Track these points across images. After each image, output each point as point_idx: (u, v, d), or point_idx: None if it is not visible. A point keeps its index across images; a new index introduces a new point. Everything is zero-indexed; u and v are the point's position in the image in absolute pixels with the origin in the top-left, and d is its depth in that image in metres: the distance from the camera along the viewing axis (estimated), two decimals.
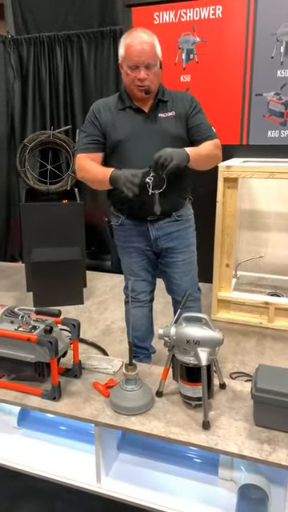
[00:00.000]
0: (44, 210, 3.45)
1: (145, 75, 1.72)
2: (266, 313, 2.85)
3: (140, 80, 1.72)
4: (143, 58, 1.69)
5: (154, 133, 1.80)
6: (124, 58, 1.74)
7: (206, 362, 1.35)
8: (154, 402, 1.47)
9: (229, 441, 1.30)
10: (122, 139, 1.80)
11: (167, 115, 1.82)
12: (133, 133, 1.79)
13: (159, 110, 1.83)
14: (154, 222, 1.90)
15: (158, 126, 1.81)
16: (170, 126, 1.82)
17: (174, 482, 1.51)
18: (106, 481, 1.51)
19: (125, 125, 1.80)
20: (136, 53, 1.69)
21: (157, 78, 1.79)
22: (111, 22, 3.70)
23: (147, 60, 1.70)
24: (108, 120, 1.83)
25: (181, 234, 1.95)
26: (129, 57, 1.71)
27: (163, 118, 1.82)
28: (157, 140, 1.78)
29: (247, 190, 3.27)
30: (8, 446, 1.69)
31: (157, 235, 1.92)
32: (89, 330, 2.84)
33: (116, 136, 1.80)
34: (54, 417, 1.63)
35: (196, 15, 3.16)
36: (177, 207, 1.92)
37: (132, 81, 1.74)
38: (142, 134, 1.79)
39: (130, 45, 1.71)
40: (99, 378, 1.62)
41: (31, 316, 1.59)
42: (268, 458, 1.23)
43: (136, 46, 1.69)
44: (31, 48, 4.00)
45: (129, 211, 1.90)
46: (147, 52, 1.70)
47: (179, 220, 1.94)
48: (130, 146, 1.79)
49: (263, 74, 3.10)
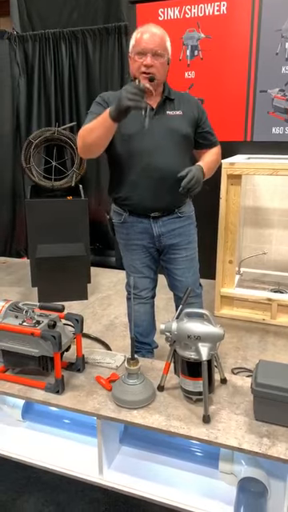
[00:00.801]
0: (49, 206, 3.47)
1: (151, 62, 1.73)
2: (268, 309, 2.86)
3: (146, 66, 1.73)
4: (151, 46, 1.72)
5: (161, 129, 1.81)
6: (133, 45, 1.77)
7: (206, 357, 1.37)
8: (155, 396, 1.50)
9: (229, 435, 1.32)
10: (132, 134, 1.80)
11: (175, 113, 1.84)
12: (141, 128, 1.79)
13: (166, 108, 1.84)
14: (157, 219, 1.92)
15: (165, 122, 1.83)
16: (178, 124, 1.83)
17: (174, 474, 1.53)
18: (108, 473, 1.53)
19: (132, 120, 1.80)
20: (145, 39, 1.73)
21: (163, 70, 1.79)
22: (116, 19, 3.71)
23: (155, 48, 1.73)
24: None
25: (183, 231, 1.97)
26: (138, 43, 1.74)
27: (171, 116, 1.84)
28: (164, 136, 1.80)
29: (251, 186, 3.27)
30: (12, 438, 1.72)
31: (160, 232, 1.94)
32: (93, 325, 2.87)
33: (125, 130, 1.80)
34: (57, 410, 1.66)
35: (200, 11, 3.16)
36: (179, 204, 1.93)
37: (138, 68, 1.75)
38: (149, 129, 1.79)
39: (141, 33, 1.75)
40: (102, 372, 1.65)
41: (35, 311, 1.61)
42: (267, 452, 1.25)
43: (146, 34, 1.74)
44: (36, 45, 4.01)
45: (133, 208, 1.92)
46: (156, 40, 1.73)
47: (181, 217, 1.95)
48: (137, 140, 1.80)
49: (268, 71, 3.09)
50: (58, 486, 1.57)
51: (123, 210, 1.95)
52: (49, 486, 1.57)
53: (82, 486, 1.54)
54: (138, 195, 1.86)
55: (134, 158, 1.81)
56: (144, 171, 1.81)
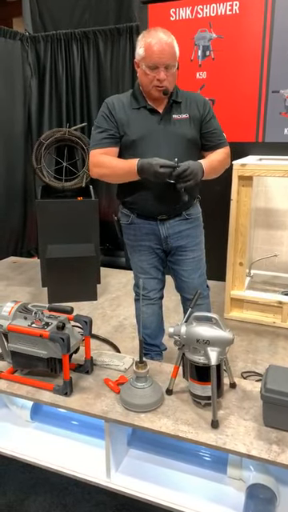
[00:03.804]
0: (59, 206, 3.48)
1: (164, 76, 1.72)
2: (279, 312, 2.83)
3: (159, 81, 1.72)
4: (164, 60, 1.69)
5: (167, 134, 1.80)
6: (143, 57, 1.73)
7: (215, 361, 1.36)
8: (163, 400, 1.49)
9: (237, 440, 1.30)
10: (136, 139, 1.80)
11: (181, 117, 1.82)
12: (147, 133, 1.80)
13: (173, 111, 1.83)
14: (165, 221, 1.91)
15: (171, 127, 1.81)
16: (184, 128, 1.82)
17: (182, 479, 1.52)
18: (116, 476, 1.53)
19: (139, 125, 1.81)
20: (157, 53, 1.69)
21: (174, 79, 1.79)
22: (127, 19, 3.71)
23: (167, 61, 1.70)
24: (122, 118, 1.82)
25: (191, 233, 1.96)
26: (149, 57, 1.71)
27: (177, 120, 1.82)
28: (171, 141, 1.79)
29: (263, 187, 3.24)
30: (21, 439, 1.73)
31: (167, 234, 1.93)
32: (102, 326, 2.87)
33: (130, 136, 1.81)
34: (66, 411, 1.66)
35: (213, 11, 3.14)
36: (187, 206, 1.92)
37: (151, 81, 1.74)
38: (156, 134, 1.79)
39: (151, 45, 1.70)
40: (110, 375, 1.64)
41: (44, 312, 1.62)
42: (276, 459, 1.23)
43: (157, 46, 1.69)
44: (48, 45, 4.03)
45: (140, 210, 1.91)
46: (167, 53, 1.70)
47: (189, 218, 1.95)
48: (143, 146, 1.80)
49: (280, 71, 3.06)
50: (65, 488, 1.57)
51: (131, 212, 1.95)
52: (56, 487, 1.58)
53: (88, 489, 1.54)
54: (143, 200, 1.86)
55: None
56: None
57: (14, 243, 4.48)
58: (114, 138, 1.83)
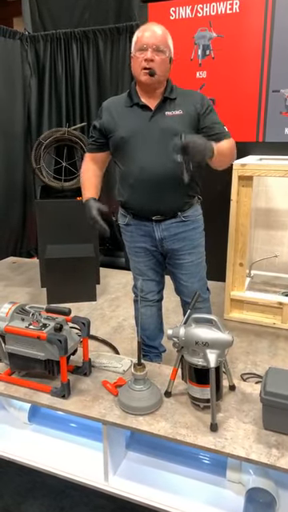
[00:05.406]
0: (58, 206, 3.47)
1: (151, 56, 1.70)
2: (279, 313, 2.81)
3: (146, 61, 1.70)
4: (152, 40, 1.70)
5: (158, 130, 1.76)
6: (135, 43, 1.75)
7: (214, 363, 1.34)
8: (162, 403, 1.47)
9: (236, 444, 1.29)
10: (125, 136, 1.78)
11: (174, 113, 1.77)
12: (137, 130, 1.77)
13: (166, 108, 1.78)
14: (160, 223, 1.88)
15: (163, 123, 1.76)
16: (176, 125, 1.75)
17: (181, 482, 1.50)
18: (114, 479, 1.51)
19: (129, 122, 1.79)
20: (146, 35, 1.71)
21: (164, 67, 1.74)
22: (127, 18, 3.69)
23: (156, 43, 1.70)
24: (111, 118, 1.82)
25: (187, 236, 1.91)
26: (140, 40, 1.72)
27: (169, 116, 1.77)
28: (161, 138, 1.74)
29: (264, 187, 3.22)
30: (18, 441, 1.71)
31: (162, 236, 1.90)
32: (101, 327, 2.85)
33: (119, 133, 1.79)
34: (64, 413, 1.64)
35: (213, 10, 3.12)
36: (183, 207, 1.88)
37: (139, 64, 1.72)
38: (145, 131, 1.76)
39: (142, 31, 1.74)
40: (109, 377, 1.63)
41: (42, 314, 1.60)
42: (276, 463, 1.22)
43: (147, 31, 1.73)
44: (48, 45, 4.01)
45: (134, 211, 1.89)
46: (157, 36, 1.72)
47: (186, 221, 1.90)
48: (133, 143, 1.78)
49: (281, 70, 3.04)
50: (62, 492, 1.55)
51: (127, 213, 1.94)
52: (54, 490, 1.56)
53: (86, 492, 1.53)
54: (136, 199, 1.85)
55: (130, 161, 1.79)
56: (140, 174, 1.78)
57: (14, 243, 4.47)
58: (96, 143, 1.91)
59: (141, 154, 1.77)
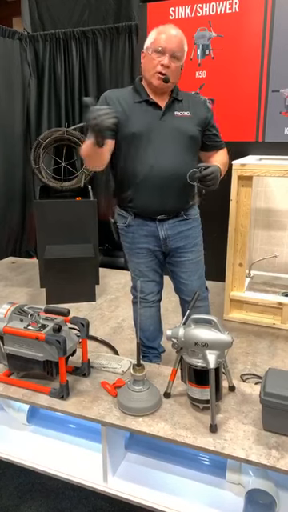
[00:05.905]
0: (58, 206, 3.46)
1: (168, 63, 1.71)
2: (279, 313, 2.80)
3: (163, 66, 1.71)
4: (172, 46, 1.70)
5: (169, 129, 1.78)
6: (152, 42, 1.73)
7: (214, 364, 1.34)
8: (161, 404, 1.46)
9: (236, 445, 1.28)
10: (136, 132, 1.76)
11: (183, 114, 1.81)
12: (148, 127, 1.76)
13: (175, 108, 1.81)
14: (163, 222, 1.88)
15: (173, 123, 1.79)
16: (185, 125, 1.80)
17: (181, 483, 1.50)
18: (113, 480, 1.50)
19: (140, 118, 1.77)
20: (166, 38, 1.71)
21: (176, 74, 1.78)
22: (126, 18, 3.68)
23: (175, 49, 1.71)
24: (122, 110, 1.77)
25: (190, 233, 1.94)
26: (158, 41, 1.71)
27: (179, 116, 1.80)
28: (172, 137, 1.77)
29: (263, 187, 3.22)
30: (17, 442, 1.70)
31: (166, 235, 1.90)
32: (100, 327, 2.84)
33: (130, 129, 1.76)
34: (63, 414, 1.64)
35: (212, 10, 3.11)
36: (186, 206, 1.90)
37: (154, 67, 1.72)
38: (157, 129, 1.77)
39: (162, 31, 1.73)
40: (108, 378, 1.62)
41: (40, 314, 1.59)
42: (276, 465, 1.21)
43: (167, 33, 1.72)
44: (47, 45, 4.01)
45: (138, 211, 1.88)
46: (177, 42, 1.72)
47: (187, 219, 1.92)
48: (143, 140, 1.77)
49: (280, 70, 3.04)
50: (61, 493, 1.55)
51: (128, 213, 1.91)
52: (53, 492, 1.56)
53: (85, 493, 1.52)
54: (143, 197, 1.83)
55: (138, 159, 1.78)
56: (150, 173, 1.77)
57: (13, 244, 4.46)
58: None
59: (151, 152, 1.76)
